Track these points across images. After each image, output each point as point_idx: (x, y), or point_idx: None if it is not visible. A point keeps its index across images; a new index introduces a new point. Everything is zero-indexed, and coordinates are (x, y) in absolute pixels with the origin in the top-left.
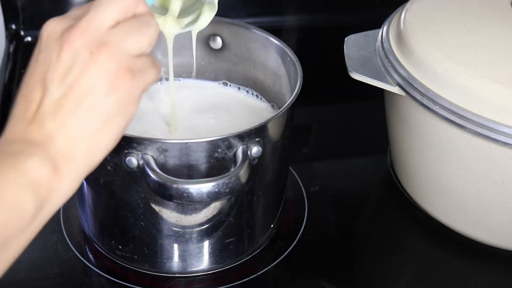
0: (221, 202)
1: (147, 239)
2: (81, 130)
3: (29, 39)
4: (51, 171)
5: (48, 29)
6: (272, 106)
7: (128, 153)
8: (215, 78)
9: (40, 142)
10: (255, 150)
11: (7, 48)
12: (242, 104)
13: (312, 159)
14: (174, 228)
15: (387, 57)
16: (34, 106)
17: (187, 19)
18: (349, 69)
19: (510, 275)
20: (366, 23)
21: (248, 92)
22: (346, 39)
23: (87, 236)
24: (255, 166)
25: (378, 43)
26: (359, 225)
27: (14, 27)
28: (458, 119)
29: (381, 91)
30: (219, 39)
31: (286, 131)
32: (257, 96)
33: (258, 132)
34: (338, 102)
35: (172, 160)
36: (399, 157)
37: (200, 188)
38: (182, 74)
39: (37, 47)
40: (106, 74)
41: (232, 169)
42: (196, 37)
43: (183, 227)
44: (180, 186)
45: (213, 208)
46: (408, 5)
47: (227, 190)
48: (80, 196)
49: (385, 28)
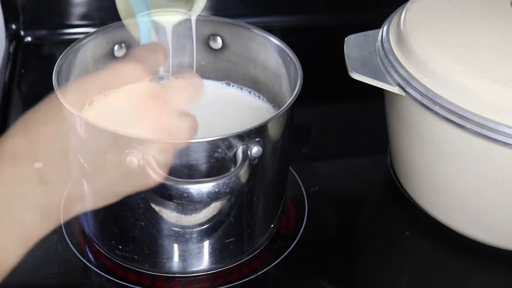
0: (221, 202)
1: (147, 239)
2: None
3: (29, 39)
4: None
5: None
6: (273, 106)
7: (129, 153)
8: (215, 78)
9: None
10: (255, 150)
11: (7, 48)
12: (243, 104)
13: (312, 159)
14: (174, 228)
15: (387, 57)
16: None
17: (184, 7)
18: (349, 69)
19: (510, 275)
20: (366, 23)
21: (250, 92)
22: (346, 39)
23: (87, 236)
24: (255, 166)
25: (378, 43)
26: (359, 225)
27: (14, 27)
28: (458, 119)
29: (381, 91)
30: (219, 39)
31: (286, 131)
32: (258, 97)
33: (258, 132)
34: (338, 102)
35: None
36: (399, 157)
37: (200, 188)
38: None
39: None
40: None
41: (232, 169)
42: (196, 37)
43: (183, 227)
44: (180, 186)
45: (213, 208)
46: (408, 5)
47: (227, 190)
48: None
49: (385, 28)
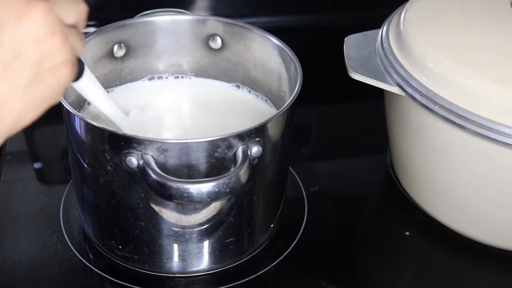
0: (221, 202)
1: (147, 239)
2: (15, 102)
3: None
4: None
5: None
6: (272, 106)
7: (128, 153)
8: (214, 78)
9: None
10: (255, 150)
11: None
12: (243, 103)
13: (312, 159)
14: (174, 228)
15: (387, 57)
16: None
17: None
18: (349, 69)
19: (510, 275)
20: (366, 23)
21: (250, 92)
22: (346, 39)
23: (87, 236)
24: (255, 166)
25: (378, 43)
26: (359, 225)
27: None
28: (458, 119)
29: (381, 91)
30: (219, 39)
31: (286, 131)
32: (257, 96)
33: (258, 132)
34: (338, 102)
35: (172, 160)
36: (399, 157)
37: (200, 188)
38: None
39: None
40: (58, 57)
41: (232, 169)
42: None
43: (183, 227)
44: (181, 186)
45: (213, 208)
46: (408, 5)
47: (228, 190)
48: (80, 196)
49: (385, 28)
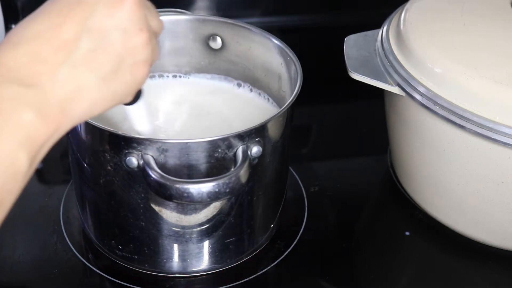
0: (221, 202)
1: (147, 239)
2: (92, 90)
3: None
4: (46, 126)
5: None
6: (275, 105)
7: (128, 153)
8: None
9: (43, 89)
10: (255, 150)
11: None
12: (244, 102)
13: (312, 159)
14: (174, 228)
15: (387, 57)
16: (56, 44)
17: None
18: (349, 69)
19: (510, 275)
20: (366, 23)
21: (251, 90)
22: (346, 39)
23: (87, 236)
24: (255, 166)
25: (378, 43)
26: (359, 225)
27: (14, 27)
28: (458, 119)
29: (381, 91)
30: (219, 39)
31: (286, 131)
32: (259, 95)
33: (258, 132)
34: (338, 102)
35: (172, 160)
36: (399, 157)
37: (200, 188)
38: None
39: None
40: (139, 55)
41: (232, 169)
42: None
43: (183, 227)
44: (181, 186)
45: (213, 208)
46: (408, 5)
47: (228, 190)
48: (80, 196)
49: (385, 28)
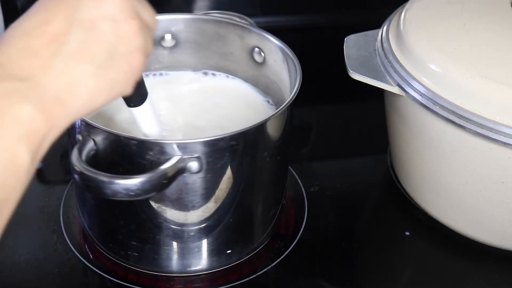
0: (220, 202)
1: (146, 239)
2: (88, 81)
3: None
4: (45, 119)
5: None
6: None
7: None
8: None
9: (38, 82)
10: (194, 166)
11: None
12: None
13: (312, 159)
14: (174, 227)
15: (387, 57)
16: (47, 38)
17: None
18: (349, 69)
19: (510, 275)
20: (366, 23)
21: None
22: (346, 39)
23: (87, 236)
24: (253, 165)
25: (378, 43)
26: (359, 225)
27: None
28: (458, 119)
29: (381, 91)
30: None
31: (285, 131)
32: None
33: (194, 147)
34: (338, 102)
35: (105, 153)
36: (399, 157)
37: (120, 183)
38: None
39: None
40: (132, 43)
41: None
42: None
43: (183, 227)
44: (98, 178)
45: (213, 208)
46: (408, 5)
47: (142, 190)
48: (79, 195)
49: (385, 28)
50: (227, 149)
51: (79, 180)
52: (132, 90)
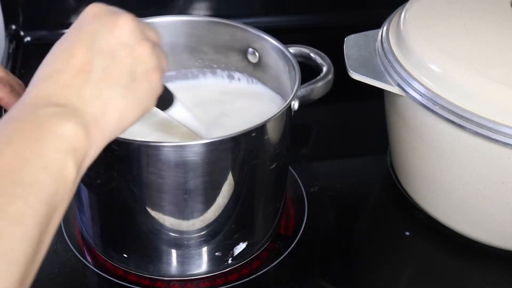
0: (220, 203)
1: (145, 243)
2: (117, 102)
3: (29, 39)
4: (85, 136)
5: (96, 7)
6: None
7: None
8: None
9: (75, 107)
10: None
11: (7, 48)
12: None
13: (312, 159)
14: (174, 229)
15: (387, 57)
16: (74, 70)
17: None
18: (349, 69)
19: (510, 275)
20: (366, 23)
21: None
22: (346, 39)
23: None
24: (254, 167)
25: (378, 43)
26: (359, 225)
27: (14, 27)
28: (458, 119)
29: (381, 91)
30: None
31: (285, 132)
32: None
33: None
34: (338, 102)
35: None
36: (399, 157)
37: None
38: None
39: (79, 21)
40: (148, 62)
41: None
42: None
43: (182, 230)
44: None
45: (213, 210)
46: (408, 5)
47: None
48: (79, 202)
49: (385, 28)
50: (227, 151)
51: None
52: (157, 102)
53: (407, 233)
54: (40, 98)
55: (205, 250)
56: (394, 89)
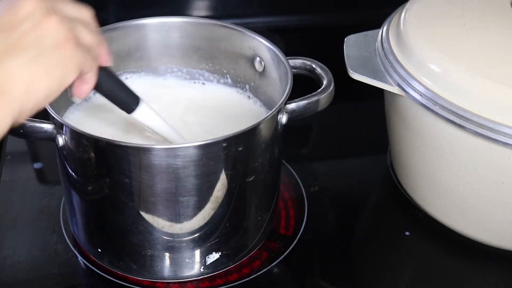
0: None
1: (140, 247)
2: (21, 72)
3: None
4: None
5: None
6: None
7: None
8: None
9: None
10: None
11: None
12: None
13: (312, 159)
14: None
15: (387, 57)
16: None
17: None
18: (349, 69)
19: (510, 275)
20: (366, 23)
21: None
22: (346, 39)
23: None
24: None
25: (378, 43)
26: (359, 225)
27: None
28: (458, 119)
29: (381, 91)
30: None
31: (276, 134)
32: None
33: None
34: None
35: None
36: (399, 157)
37: None
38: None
39: None
40: (57, 34)
41: None
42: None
43: (177, 233)
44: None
45: (206, 213)
46: (408, 5)
47: None
48: (70, 206)
49: (385, 28)
50: (220, 152)
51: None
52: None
53: (407, 233)
54: None
55: (200, 252)
56: (394, 89)
